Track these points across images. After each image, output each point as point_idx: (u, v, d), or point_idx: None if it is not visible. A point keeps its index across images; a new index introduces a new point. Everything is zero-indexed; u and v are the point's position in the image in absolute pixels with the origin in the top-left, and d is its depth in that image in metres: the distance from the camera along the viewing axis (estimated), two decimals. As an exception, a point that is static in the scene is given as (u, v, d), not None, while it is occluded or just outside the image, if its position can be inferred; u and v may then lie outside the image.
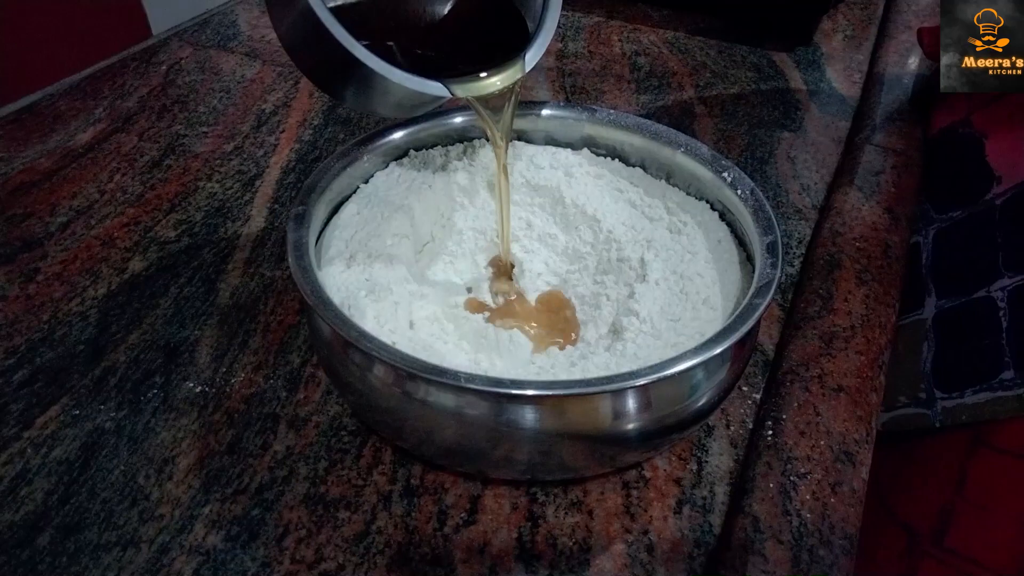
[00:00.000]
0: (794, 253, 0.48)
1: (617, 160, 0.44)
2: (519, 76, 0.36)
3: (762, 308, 0.31)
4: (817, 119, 0.61)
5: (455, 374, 0.28)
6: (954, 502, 0.43)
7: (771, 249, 0.34)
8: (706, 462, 0.35)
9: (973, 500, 0.42)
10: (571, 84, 0.65)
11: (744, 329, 0.30)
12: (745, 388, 0.39)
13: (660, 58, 0.69)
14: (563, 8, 0.38)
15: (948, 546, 0.42)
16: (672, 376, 0.29)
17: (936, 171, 0.52)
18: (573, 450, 0.31)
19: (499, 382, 0.29)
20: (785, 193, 0.53)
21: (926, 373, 0.46)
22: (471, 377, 0.28)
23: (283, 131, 0.57)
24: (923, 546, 0.44)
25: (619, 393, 0.29)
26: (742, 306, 0.31)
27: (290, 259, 0.33)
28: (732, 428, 0.37)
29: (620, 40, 0.72)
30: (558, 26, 0.71)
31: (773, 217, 0.36)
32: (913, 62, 0.67)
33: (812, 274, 0.45)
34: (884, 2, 0.81)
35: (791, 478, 0.34)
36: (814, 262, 0.46)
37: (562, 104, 0.45)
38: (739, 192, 0.38)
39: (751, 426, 0.37)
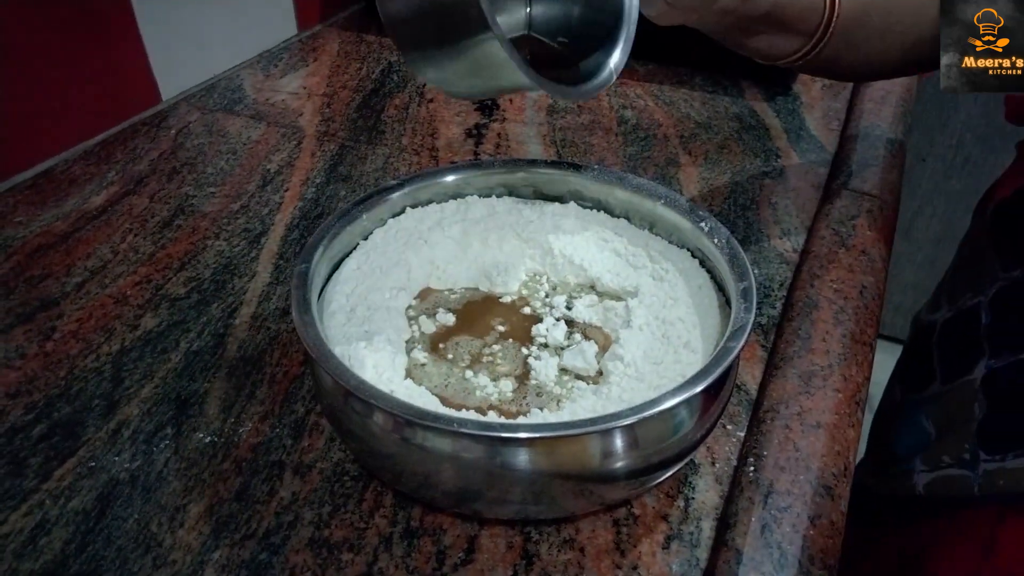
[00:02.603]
0: (775, 296, 0.50)
1: (602, 212, 0.46)
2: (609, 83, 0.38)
3: (736, 351, 0.33)
4: (797, 166, 0.64)
5: (449, 419, 0.30)
6: (981, 569, 0.43)
7: (745, 294, 0.36)
8: (692, 499, 0.37)
9: (1002, 568, 0.42)
10: (561, 139, 0.68)
11: (718, 371, 0.32)
12: (730, 427, 0.41)
13: (646, 111, 0.72)
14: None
15: None
16: (653, 416, 0.31)
17: (1006, 231, 0.51)
18: (564, 489, 0.33)
19: (491, 426, 0.31)
20: (767, 238, 0.55)
21: (972, 433, 0.46)
22: (464, 422, 0.30)
23: (287, 189, 0.60)
24: None
25: (605, 433, 0.31)
26: (718, 349, 0.33)
27: (294, 314, 0.35)
28: (717, 465, 0.39)
29: (608, 94, 0.75)
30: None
31: (747, 264, 0.38)
32: (887, 110, 0.70)
33: (792, 315, 0.47)
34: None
35: (772, 512, 0.35)
36: (794, 304, 0.48)
37: (550, 160, 0.48)
38: (716, 241, 0.40)
39: (735, 463, 0.39)
